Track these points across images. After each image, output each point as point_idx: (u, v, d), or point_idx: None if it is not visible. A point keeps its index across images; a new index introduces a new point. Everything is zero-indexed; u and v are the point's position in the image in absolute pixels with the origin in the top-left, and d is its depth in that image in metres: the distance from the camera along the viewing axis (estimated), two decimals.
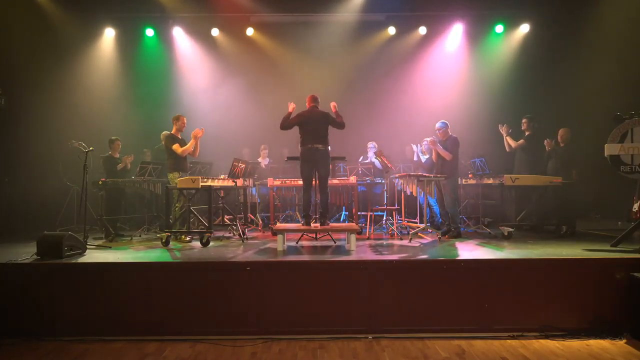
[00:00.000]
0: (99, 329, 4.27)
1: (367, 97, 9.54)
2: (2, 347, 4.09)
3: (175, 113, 6.81)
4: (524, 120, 7.18)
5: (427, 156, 7.82)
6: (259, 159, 8.78)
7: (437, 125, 6.71)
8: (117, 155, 7.33)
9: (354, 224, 6.87)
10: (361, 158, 8.48)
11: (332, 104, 5.99)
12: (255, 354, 3.88)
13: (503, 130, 7.30)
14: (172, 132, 6.59)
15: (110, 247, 5.69)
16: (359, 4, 8.98)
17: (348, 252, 5.12)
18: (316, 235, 6.42)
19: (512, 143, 7.18)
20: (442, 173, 6.44)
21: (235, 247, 5.64)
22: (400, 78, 9.60)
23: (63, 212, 7.83)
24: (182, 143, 6.52)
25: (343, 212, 8.10)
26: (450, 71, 9.61)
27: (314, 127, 5.74)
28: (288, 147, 8.51)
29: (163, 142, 7.13)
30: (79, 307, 4.32)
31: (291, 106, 5.91)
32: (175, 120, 6.58)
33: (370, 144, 8.37)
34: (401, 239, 6.27)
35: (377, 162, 7.91)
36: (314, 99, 5.94)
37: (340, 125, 5.86)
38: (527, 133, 7.15)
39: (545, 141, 7.07)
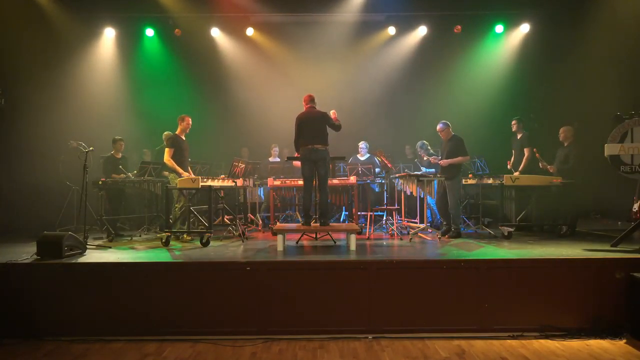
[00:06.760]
0: (99, 329, 4.27)
1: (366, 96, 9.51)
2: (2, 347, 4.10)
3: (174, 113, 6.79)
4: (513, 122, 7.22)
5: (425, 158, 7.78)
6: (270, 158, 8.78)
7: (439, 126, 6.65)
8: (119, 156, 7.30)
9: (354, 224, 6.87)
10: (351, 159, 8.42)
11: (333, 112, 5.90)
12: (255, 354, 3.88)
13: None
14: (177, 132, 6.56)
15: (110, 247, 5.69)
16: (359, 4, 8.96)
17: (348, 252, 5.12)
18: (316, 235, 6.42)
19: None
20: (444, 173, 6.43)
21: (235, 247, 5.64)
22: (400, 78, 9.59)
23: (63, 212, 7.82)
24: (183, 144, 6.50)
25: (343, 212, 8.10)
26: (450, 71, 9.60)
27: (313, 128, 5.72)
28: (288, 147, 8.51)
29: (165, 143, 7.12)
30: (79, 307, 4.31)
31: None
32: (181, 121, 6.56)
33: (362, 144, 8.36)
34: (401, 239, 6.27)
35: (377, 161, 7.92)
36: (311, 99, 5.88)
37: (337, 127, 5.83)
38: (519, 135, 7.17)
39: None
